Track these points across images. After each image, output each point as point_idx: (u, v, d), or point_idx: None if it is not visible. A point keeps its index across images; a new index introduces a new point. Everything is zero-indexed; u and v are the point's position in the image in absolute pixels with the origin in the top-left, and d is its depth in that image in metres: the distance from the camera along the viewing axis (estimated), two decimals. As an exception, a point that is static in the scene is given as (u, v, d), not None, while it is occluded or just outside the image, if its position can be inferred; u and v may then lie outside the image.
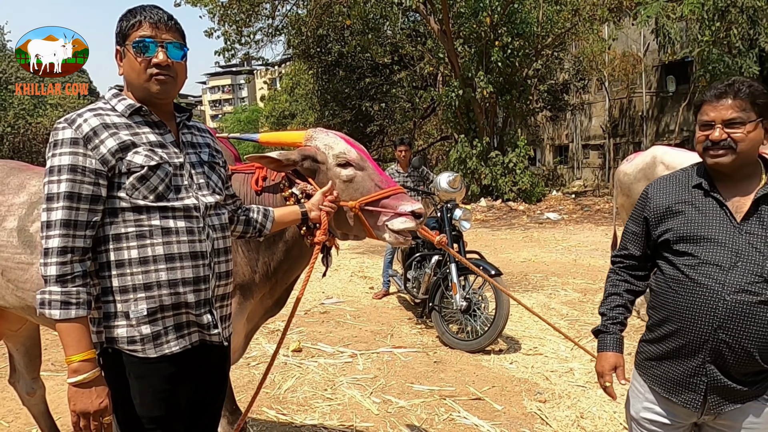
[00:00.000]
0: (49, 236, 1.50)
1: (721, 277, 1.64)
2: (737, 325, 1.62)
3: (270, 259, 2.29)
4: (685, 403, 1.74)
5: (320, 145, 2.25)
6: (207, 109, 73.21)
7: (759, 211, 1.65)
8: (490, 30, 15.15)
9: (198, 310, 1.65)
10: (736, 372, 1.66)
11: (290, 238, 2.30)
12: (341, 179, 2.20)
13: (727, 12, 12.33)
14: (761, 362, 1.63)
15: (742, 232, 1.65)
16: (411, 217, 2.15)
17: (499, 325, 4.45)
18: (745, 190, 1.69)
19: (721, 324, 1.64)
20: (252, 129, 41.84)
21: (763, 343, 1.62)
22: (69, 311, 1.48)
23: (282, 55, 24.30)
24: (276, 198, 2.28)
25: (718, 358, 1.66)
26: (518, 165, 15.77)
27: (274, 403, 3.68)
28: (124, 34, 1.63)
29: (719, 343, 1.65)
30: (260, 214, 2.02)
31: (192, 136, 1.79)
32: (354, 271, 8.25)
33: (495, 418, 3.44)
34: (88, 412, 1.50)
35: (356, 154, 2.23)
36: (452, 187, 5.12)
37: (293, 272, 2.42)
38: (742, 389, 1.66)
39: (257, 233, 2.03)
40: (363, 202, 2.16)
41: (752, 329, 1.61)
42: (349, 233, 2.30)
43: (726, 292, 1.63)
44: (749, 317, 1.61)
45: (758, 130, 1.64)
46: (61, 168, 1.52)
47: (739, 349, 1.63)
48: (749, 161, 1.68)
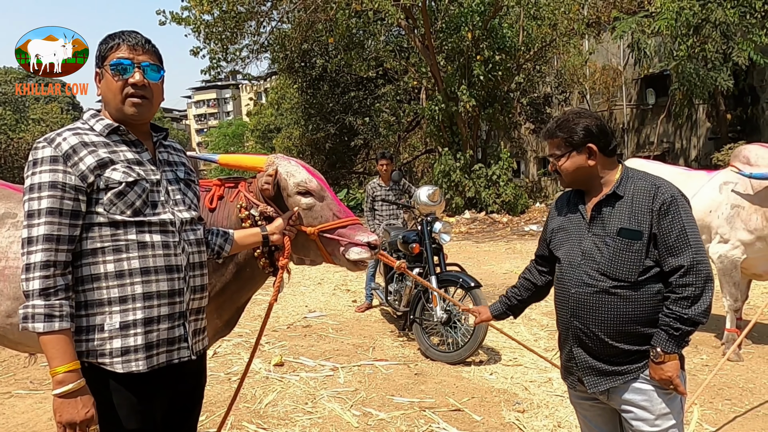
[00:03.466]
0: (31, 251, 1.54)
1: (570, 272, 1.98)
2: (583, 313, 1.93)
3: (216, 281, 2.22)
4: (571, 385, 2.07)
5: (282, 171, 2.26)
6: (192, 123, 72.97)
7: (601, 214, 1.94)
8: (472, 45, 15.38)
9: (171, 323, 1.68)
10: (600, 353, 1.93)
11: (242, 260, 2.26)
12: (301, 207, 2.23)
13: (701, 27, 12.65)
14: (615, 344, 1.89)
15: (590, 234, 1.96)
16: (366, 248, 2.21)
17: (479, 336, 4.51)
18: (595, 200, 1.99)
19: (573, 313, 1.96)
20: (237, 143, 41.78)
21: (608, 327, 1.89)
22: (53, 324, 1.51)
23: (267, 70, 24.43)
24: (231, 218, 2.25)
25: (581, 342, 1.97)
26: (502, 177, 15.94)
27: (254, 417, 3.69)
28: (103, 56, 1.69)
29: (576, 330, 1.97)
30: (220, 237, 2.01)
31: (168, 155, 1.84)
32: (337, 284, 8.27)
33: (474, 428, 3.48)
34: (75, 422, 1.52)
35: (316, 184, 2.26)
36: (432, 200, 5.19)
37: (243, 293, 2.37)
38: (609, 368, 1.92)
39: (215, 255, 2.01)
40: (321, 229, 2.21)
41: (595, 316, 1.91)
42: (306, 258, 2.34)
43: (571, 285, 1.97)
44: (590, 305, 1.91)
45: (571, 160, 1.98)
46: (42, 185, 1.56)
47: (591, 334, 1.93)
48: (577, 180, 2.01)
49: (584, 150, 1.95)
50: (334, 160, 24.40)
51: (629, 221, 1.87)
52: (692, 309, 1.80)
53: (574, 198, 2.07)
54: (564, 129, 1.98)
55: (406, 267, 4.05)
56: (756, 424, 3.41)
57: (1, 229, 2.35)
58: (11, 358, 4.98)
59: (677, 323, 1.81)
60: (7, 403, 4.05)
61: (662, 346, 1.82)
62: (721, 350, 4.58)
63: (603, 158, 1.97)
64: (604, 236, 1.91)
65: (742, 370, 4.24)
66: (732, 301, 4.52)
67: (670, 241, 1.83)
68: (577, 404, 2.15)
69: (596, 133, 1.95)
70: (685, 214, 1.85)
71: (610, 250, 1.88)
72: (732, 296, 4.52)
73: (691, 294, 1.80)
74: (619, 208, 1.91)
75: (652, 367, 1.85)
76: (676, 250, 1.82)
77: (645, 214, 1.86)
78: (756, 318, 3.74)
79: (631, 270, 1.86)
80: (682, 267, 1.81)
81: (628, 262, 1.86)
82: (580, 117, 1.97)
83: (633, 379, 1.90)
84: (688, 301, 1.80)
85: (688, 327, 1.81)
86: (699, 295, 1.80)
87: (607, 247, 1.89)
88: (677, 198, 1.86)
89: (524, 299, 2.31)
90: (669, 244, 1.83)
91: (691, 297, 1.80)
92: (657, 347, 1.83)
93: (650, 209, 1.86)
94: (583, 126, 1.95)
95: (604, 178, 1.98)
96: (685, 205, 1.87)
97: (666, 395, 1.88)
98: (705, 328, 5.28)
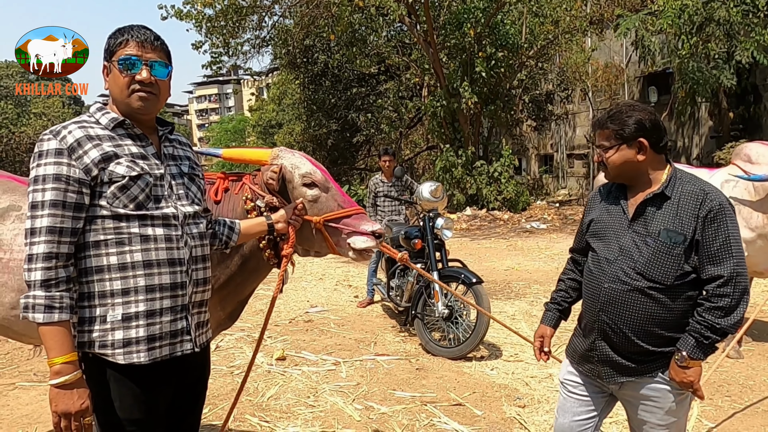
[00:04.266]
0: (34, 242, 1.56)
1: (606, 267, 1.96)
2: (613, 309, 1.93)
3: (220, 273, 2.25)
4: (586, 372, 2.08)
5: (286, 164, 2.30)
6: (193, 118, 72.98)
7: (645, 213, 1.92)
8: (474, 41, 15.35)
9: (174, 316, 1.70)
10: (623, 350, 1.94)
11: (248, 252, 2.29)
12: (306, 198, 2.26)
13: (705, 25, 12.62)
14: (639, 343, 1.90)
15: (630, 231, 1.94)
16: (371, 237, 2.25)
17: (480, 332, 4.53)
18: (640, 197, 1.96)
19: (602, 308, 1.96)
20: (239, 138, 41.77)
21: (636, 326, 1.90)
22: (52, 315, 1.53)
23: (269, 65, 24.41)
24: (236, 210, 2.28)
25: (605, 336, 1.97)
26: (503, 174, 15.94)
27: (256, 410, 3.71)
28: (112, 50, 1.70)
29: (603, 324, 1.97)
30: (226, 227, 2.05)
31: (173, 149, 1.86)
32: (339, 279, 8.30)
33: (475, 423, 3.51)
34: (70, 413, 1.54)
35: (321, 176, 2.30)
36: (434, 196, 5.20)
37: (246, 286, 2.39)
38: (630, 365, 1.94)
39: (223, 245, 2.04)
40: (326, 218, 2.24)
41: (624, 313, 1.91)
42: (311, 249, 2.36)
43: (605, 279, 1.95)
44: (622, 303, 1.91)
45: (620, 153, 1.94)
46: (46, 177, 1.58)
47: (618, 330, 1.93)
48: (623, 175, 1.98)
49: (634, 144, 1.92)
50: (336, 156, 24.40)
51: (673, 224, 1.85)
52: (725, 320, 1.79)
53: (616, 191, 2.04)
54: (616, 120, 1.94)
55: (408, 259, 4.07)
56: (755, 421, 3.43)
57: (6, 221, 2.36)
58: (15, 350, 5.01)
59: (708, 332, 1.80)
60: (11, 394, 4.08)
61: (689, 352, 1.82)
62: (722, 347, 4.60)
63: (653, 155, 1.93)
64: (646, 235, 1.89)
65: (742, 367, 4.25)
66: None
67: (713, 250, 1.81)
68: (570, 385, 2.15)
69: (649, 127, 1.91)
70: (732, 224, 1.82)
71: (650, 250, 1.87)
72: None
73: (727, 305, 1.79)
74: (665, 210, 1.88)
75: (675, 370, 1.86)
76: (717, 259, 1.81)
77: (690, 219, 1.83)
78: (755, 315, 3.75)
79: (669, 273, 1.85)
80: (721, 277, 1.79)
81: (666, 265, 1.85)
82: (634, 110, 1.94)
83: (650, 378, 1.92)
84: (723, 311, 1.79)
85: (717, 336, 1.80)
86: (735, 307, 1.79)
87: (648, 246, 1.87)
88: (725, 207, 1.83)
89: (574, 299, 2.26)
90: (711, 253, 1.81)
91: (726, 308, 1.79)
92: (683, 351, 1.83)
93: (696, 215, 1.83)
94: (636, 119, 1.91)
95: (651, 176, 1.95)
96: (732, 215, 1.84)
97: (679, 395, 1.91)
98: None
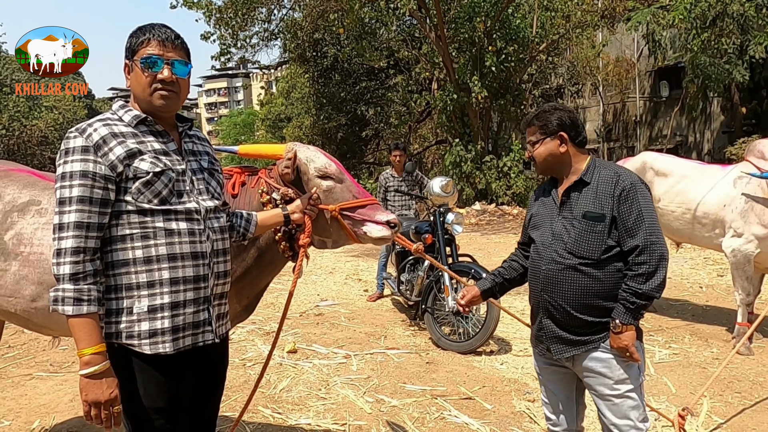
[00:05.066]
0: (62, 237, 1.60)
1: (542, 251, 2.19)
2: (552, 288, 2.15)
3: (237, 266, 2.28)
4: (540, 352, 2.29)
5: (301, 156, 2.36)
6: (203, 112, 73.12)
7: (570, 199, 2.15)
8: (484, 35, 15.28)
9: (197, 308, 1.75)
10: (566, 324, 2.14)
11: (264, 244, 2.33)
12: (321, 189, 2.33)
13: (718, 19, 12.51)
14: (579, 316, 2.10)
15: (560, 217, 2.17)
16: (386, 226, 2.31)
17: (490, 326, 4.55)
18: (565, 185, 2.20)
19: (543, 287, 2.18)
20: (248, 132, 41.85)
21: (574, 300, 2.10)
22: (81, 307, 1.58)
23: (278, 58, 24.40)
24: (252, 203, 2.33)
25: (549, 314, 2.18)
26: (513, 169, 15.88)
27: (269, 402, 3.76)
28: (133, 49, 1.74)
29: (545, 303, 2.18)
30: (243, 219, 2.09)
31: (193, 145, 1.90)
32: (349, 274, 8.34)
33: (485, 416, 3.54)
34: (99, 402, 1.59)
35: (335, 168, 2.37)
36: (445, 191, 5.22)
37: (262, 278, 2.44)
38: (574, 338, 2.13)
39: (241, 237, 2.09)
40: (342, 207, 2.30)
41: (562, 290, 2.12)
42: (327, 239, 2.41)
43: (543, 262, 2.18)
44: (559, 281, 2.12)
45: (544, 146, 2.19)
46: (73, 174, 1.62)
47: (558, 307, 2.14)
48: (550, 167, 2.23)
49: (556, 137, 2.17)
50: (345, 150, 24.39)
51: (593, 205, 2.08)
52: (647, 284, 2.00)
53: (549, 186, 2.29)
54: (540, 118, 2.21)
55: (423, 251, 4.09)
56: (765, 417, 3.44)
57: (26, 216, 2.41)
58: (31, 341, 5.10)
59: (633, 297, 2.01)
60: (28, 384, 4.16)
61: (620, 318, 2.02)
62: (732, 344, 4.60)
63: (573, 148, 2.19)
64: (572, 219, 2.12)
65: (753, 364, 4.26)
66: (744, 295, 4.53)
67: (629, 224, 2.03)
68: (542, 369, 2.34)
69: (568, 123, 2.18)
70: (643, 200, 2.05)
71: (576, 230, 2.10)
72: (744, 290, 4.53)
73: (646, 271, 2.00)
74: (585, 194, 2.12)
75: (612, 337, 2.06)
76: (633, 232, 2.03)
77: (607, 199, 2.07)
78: (766, 311, 3.75)
79: (595, 249, 2.07)
80: (638, 247, 2.01)
81: (592, 242, 2.07)
82: (555, 109, 2.21)
83: (594, 348, 2.10)
84: (643, 277, 2.00)
85: (643, 301, 2.01)
86: (653, 272, 2.00)
87: (574, 228, 2.10)
88: (636, 185, 2.07)
89: (511, 279, 2.45)
90: (628, 227, 2.04)
91: (646, 274, 2.00)
92: (616, 319, 2.04)
93: (612, 194, 2.06)
94: (557, 117, 2.18)
95: (573, 167, 2.19)
96: (643, 191, 2.07)
97: (624, 363, 2.08)
98: (716, 321, 5.31)
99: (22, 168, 2.71)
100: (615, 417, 2.10)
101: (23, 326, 2.58)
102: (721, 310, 5.69)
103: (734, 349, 3.84)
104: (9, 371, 4.45)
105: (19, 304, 2.34)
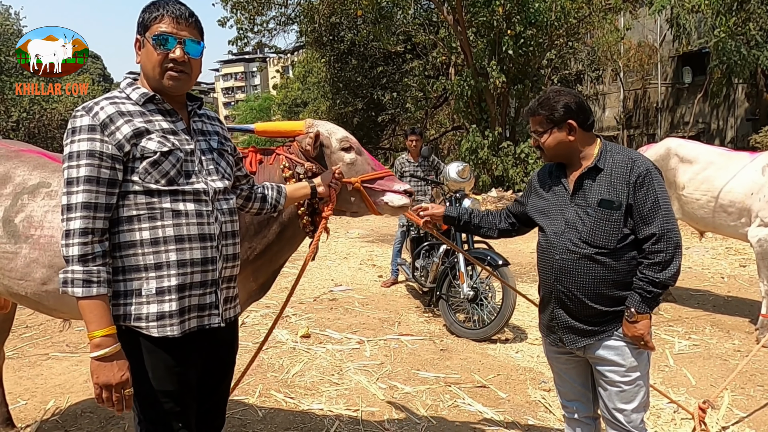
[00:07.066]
0: (70, 218, 1.56)
1: (555, 240, 2.13)
2: (566, 278, 2.09)
3: (257, 243, 2.34)
4: (552, 342, 2.24)
5: (323, 131, 2.43)
6: (220, 96, 73.34)
7: (583, 187, 2.09)
8: (503, 19, 15.00)
9: (204, 290, 1.71)
10: (579, 314, 2.10)
11: (286, 219, 2.38)
12: (345, 162, 2.40)
13: (746, 3, 12.14)
14: (593, 305, 2.06)
15: (573, 205, 2.11)
16: (405, 195, 2.40)
17: (506, 314, 4.49)
18: (577, 172, 2.13)
19: (557, 278, 2.12)
20: (264, 117, 41.86)
21: (588, 290, 2.05)
22: (91, 289, 1.55)
23: (294, 43, 24.29)
24: (273, 179, 2.36)
25: (562, 304, 2.13)
26: (530, 156, 15.65)
27: (282, 387, 3.75)
28: (146, 25, 1.68)
29: (559, 293, 2.13)
30: (275, 191, 2.14)
31: (203, 124, 1.85)
32: (363, 259, 8.31)
33: (499, 405, 3.49)
34: (111, 384, 1.56)
35: (355, 140, 2.45)
36: (461, 177, 5.14)
37: (283, 254, 2.48)
38: (587, 328, 2.09)
39: (272, 209, 2.15)
40: (362, 179, 2.38)
41: (577, 280, 2.07)
42: (348, 210, 2.46)
43: (556, 252, 2.11)
44: (573, 271, 2.07)
45: (552, 136, 2.11)
46: (80, 153, 1.58)
47: (572, 296, 2.09)
48: (559, 155, 2.15)
49: (564, 126, 2.09)
50: (361, 135, 24.26)
51: (608, 193, 2.03)
52: (663, 273, 1.97)
53: (557, 171, 2.22)
54: (545, 107, 2.11)
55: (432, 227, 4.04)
56: (789, 412, 3.34)
57: (37, 198, 2.37)
58: (47, 322, 5.14)
59: (649, 286, 1.98)
60: (45, 364, 4.20)
61: (636, 307, 2.00)
62: (755, 336, 4.48)
63: (582, 133, 2.11)
64: (586, 207, 2.07)
65: (776, 357, 4.14)
66: (769, 286, 4.40)
67: (644, 211, 1.99)
68: (554, 359, 2.32)
69: (575, 109, 2.09)
70: (659, 186, 2.01)
71: (591, 219, 2.05)
72: (769, 281, 4.40)
73: (662, 260, 1.97)
74: (599, 181, 2.06)
75: (626, 325, 2.03)
76: (649, 219, 1.98)
77: (622, 186, 2.02)
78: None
79: (611, 238, 2.02)
80: (654, 235, 1.97)
81: (607, 231, 2.02)
82: (560, 95, 2.11)
83: (608, 337, 2.08)
84: (660, 266, 1.97)
85: (658, 289, 1.98)
86: (669, 261, 1.97)
87: (589, 216, 2.05)
88: (651, 171, 2.02)
89: (477, 225, 2.49)
90: (643, 214, 1.99)
91: (662, 262, 1.97)
92: (631, 308, 2.01)
93: (627, 182, 2.01)
94: (564, 104, 2.08)
95: (583, 152, 2.13)
96: (658, 178, 2.03)
97: (635, 350, 2.07)
98: (738, 312, 5.18)
99: (32, 149, 2.68)
100: (621, 403, 2.09)
101: (34, 308, 2.57)
102: (744, 301, 5.55)
103: (760, 344, 3.73)
104: (26, 351, 4.49)
105: (29, 287, 2.33)
